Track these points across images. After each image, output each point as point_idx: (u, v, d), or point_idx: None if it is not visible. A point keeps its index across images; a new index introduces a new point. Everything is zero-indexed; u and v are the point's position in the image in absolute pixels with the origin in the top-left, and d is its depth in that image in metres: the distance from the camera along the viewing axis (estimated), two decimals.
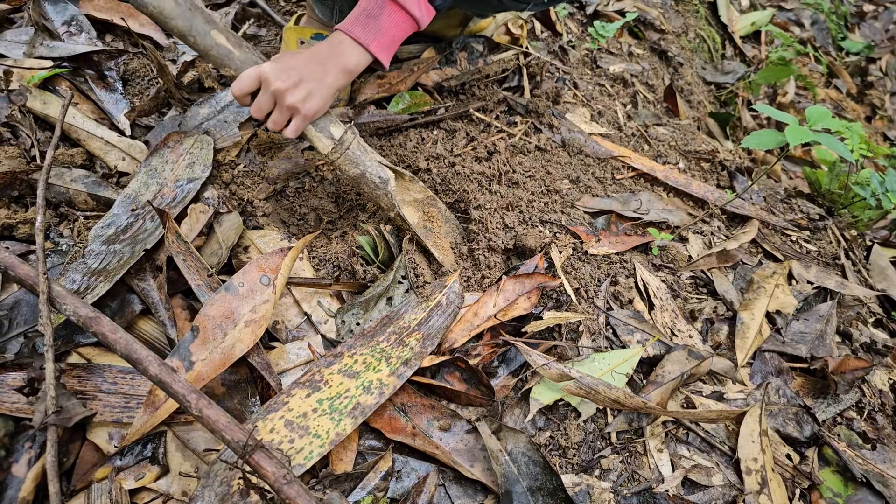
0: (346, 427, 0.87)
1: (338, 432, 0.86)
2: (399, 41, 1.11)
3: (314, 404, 0.89)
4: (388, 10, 1.06)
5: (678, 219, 1.44)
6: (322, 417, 0.88)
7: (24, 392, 0.86)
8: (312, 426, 0.86)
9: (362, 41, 1.06)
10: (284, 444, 0.84)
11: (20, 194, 1.11)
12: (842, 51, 3.17)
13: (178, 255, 1.01)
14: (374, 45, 1.07)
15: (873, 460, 1.10)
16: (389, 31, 1.08)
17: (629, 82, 1.88)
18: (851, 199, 1.71)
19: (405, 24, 1.09)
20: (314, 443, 0.85)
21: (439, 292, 1.07)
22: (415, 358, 0.96)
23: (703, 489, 0.98)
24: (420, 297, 1.07)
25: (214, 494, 0.78)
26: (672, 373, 1.09)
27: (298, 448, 0.84)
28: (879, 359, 1.31)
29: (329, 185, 1.29)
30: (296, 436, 0.85)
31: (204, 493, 0.78)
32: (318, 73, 1.04)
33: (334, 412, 0.88)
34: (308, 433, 0.85)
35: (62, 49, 1.32)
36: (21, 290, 0.98)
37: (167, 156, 1.19)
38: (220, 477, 0.80)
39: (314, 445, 0.84)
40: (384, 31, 1.07)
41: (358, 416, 0.88)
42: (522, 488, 0.87)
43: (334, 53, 1.06)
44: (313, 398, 0.90)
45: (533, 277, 1.13)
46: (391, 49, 1.10)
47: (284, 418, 0.87)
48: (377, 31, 1.06)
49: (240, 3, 1.67)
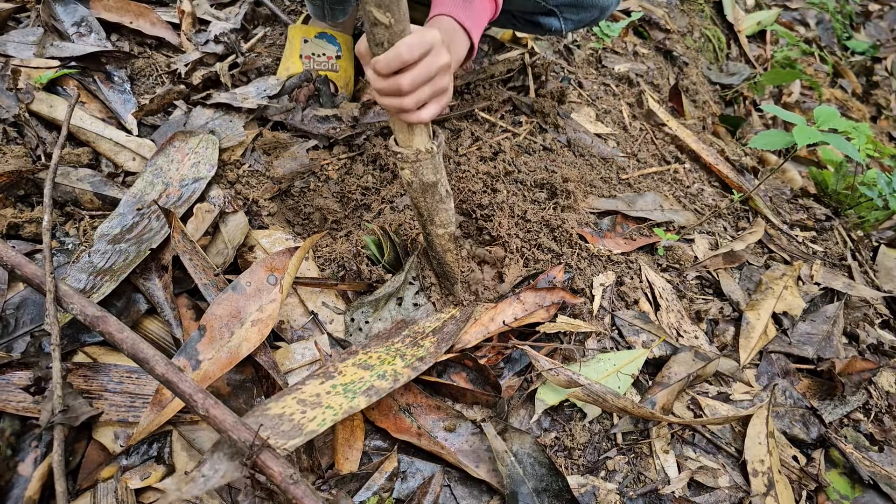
0: (359, 403, 0.85)
1: (351, 405, 0.84)
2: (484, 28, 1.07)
3: (328, 388, 0.88)
4: None
5: (684, 219, 1.43)
6: (336, 396, 0.86)
7: (31, 391, 0.86)
8: (325, 401, 0.85)
9: (467, 26, 1.01)
10: (297, 414, 0.82)
11: (26, 193, 1.11)
12: (847, 50, 3.16)
13: (183, 254, 1.01)
14: (475, 30, 1.02)
15: (880, 462, 1.09)
16: (481, 18, 1.04)
17: (634, 82, 1.88)
18: (858, 200, 1.70)
19: (490, 10, 1.06)
20: (327, 413, 0.83)
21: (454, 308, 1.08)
22: (430, 356, 0.96)
23: (709, 491, 0.98)
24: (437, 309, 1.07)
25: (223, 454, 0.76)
26: (678, 374, 1.08)
27: (311, 417, 0.82)
28: (886, 360, 1.31)
29: (334, 184, 1.29)
30: (307, 408, 0.83)
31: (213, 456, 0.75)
32: None
33: (348, 392, 0.87)
34: (321, 405, 0.84)
35: (71, 49, 1.33)
36: (27, 289, 0.98)
37: (173, 155, 1.19)
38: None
39: (327, 414, 0.83)
40: (478, 18, 1.03)
41: (372, 395, 0.87)
42: (528, 489, 0.86)
43: (451, 40, 0.99)
44: (328, 384, 0.89)
45: (554, 292, 1.13)
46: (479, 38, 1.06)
47: (297, 398, 0.85)
48: (474, 18, 1.02)
49: (248, 2, 1.67)
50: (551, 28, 1.33)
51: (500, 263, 1.19)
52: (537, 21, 1.32)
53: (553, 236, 1.26)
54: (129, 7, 1.48)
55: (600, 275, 1.23)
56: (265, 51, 1.56)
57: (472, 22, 1.01)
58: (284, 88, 1.40)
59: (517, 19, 1.35)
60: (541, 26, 1.33)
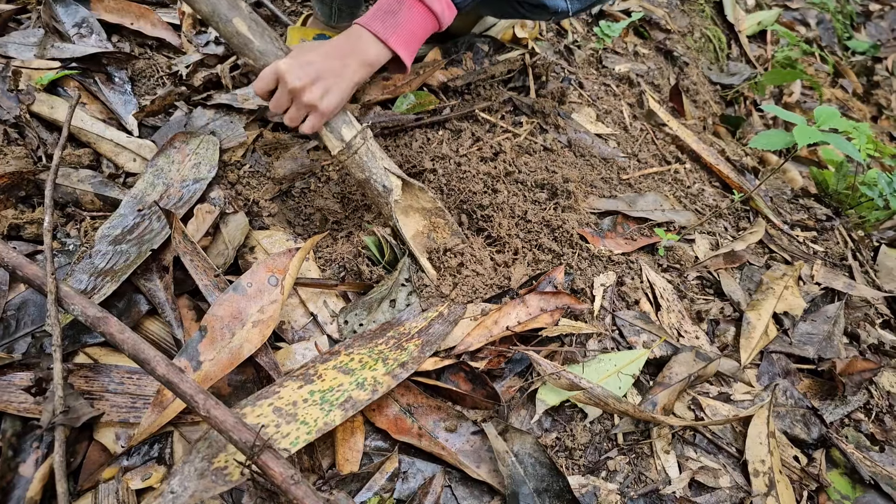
0: (335, 418, 0.86)
1: (326, 422, 0.85)
2: (420, 38, 1.08)
3: (305, 395, 0.88)
4: (408, 4, 1.04)
5: (685, 219, 1.43)
6: (312, 407, 0.87)
7: (32, 392, 0.86)
8: (301, 414, 0.86)
9: (381, 35, 1.04)
10: (271, 427, 0.83)
11: (27, 194, 1.11)
12: (847, 50, 3.16)
13: (184, 255, 1.01)
14: (392, 39, 1.04)
15: (881, 462, 1.09)
16: (408, 26, 1.05)
17: (635, 82, 1.88)
18: (859, 200, 1.70)
19: (425, 21, 1.07)
20: (301, 429, 0.84)
21: (441, 306, 1.07)
22: (412, 362, 0.96)
23: (710, 491, 0.98)
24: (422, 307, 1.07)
25: (194, 469, 0.77)
26: (679, 374, 1.08)
27: (285, 433, 0.83)
28: (887, 360, 1.31)
29: (334, 185, 1.29)
30: (283, 421, 0.84)
31: (184, 469, 0.77)
32: (337, 69, 1.02)
33: (325, 403, 0.88)
34: (296, 420, 0.85)
35: (72, 50, 1.33)
36: (28, 290, 0.98)
37: (173, 156, 1.19)
38: (202, 453, 0.79)
39: (301, 432, 0.83)
40: (403, 26, 1.05)
41: (349, 409, 0.87)
42: (529, 490, 0.86)
43: (353, 48, 1.04)
44: (305, 389, 0.89)
45: (559, 296, 1.12)
46: (411, 45, 1.08)
47: (273, 405, 0.86)
48: (396, 26, 1.04)
49: (247, 2, 1.67)
50: (557, 10, 1.33)
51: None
52: (542, 3, 1.31)
53: (554, 237, 1.26)
54: (130, 8, 1.48)
55: (601, 275, 1.23)
56: None
57: (391, 31, 1.04)
58: None
59: (521, 4, 1.35)
60: (546, 8, 1.33)
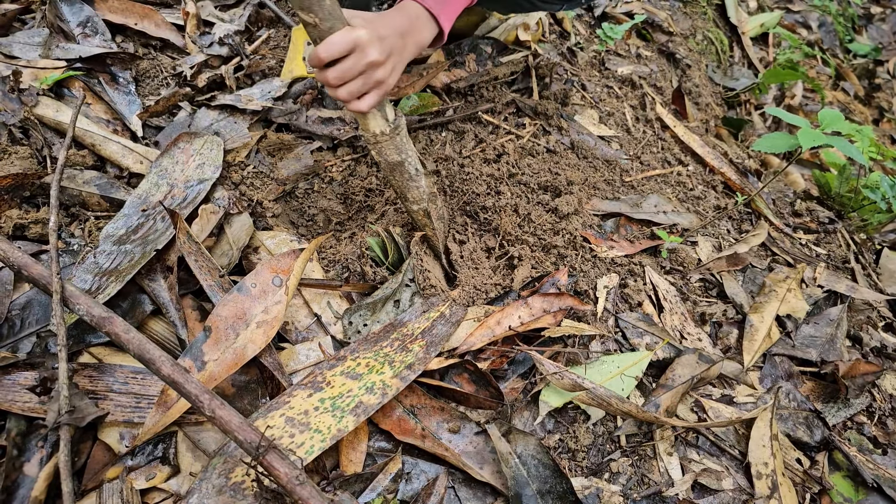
0: (347, 424, 0.87)
1: (339, 428, 0.86)
2: (458, 13, 1.07)
3: (316, 403, 0.89)
4: None
5: (687, 221, 1.43)
6: (324, 415, 0.87)
7: (37, 391, 0.86)
8: (314, 422, 0.86)
9: (434, 11, 1.01)
10: (285, 438, 0.84)
11: (31, 195, 1.12)
12: (849, 53, 3.16)
13: (189, 255, 1.01)
14: (443, 15, 1.02)
15: (884, 465, 1.09)
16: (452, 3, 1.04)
17: (637, 84, 1.88)
18: (861, 203, 1.70)
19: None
20: (315, 437, 0.84)
21: (442, 305, 1.07)
22: (418, 363, 0.96)
23: (713, 493, 0.98)
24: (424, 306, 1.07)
25: (212, 486, 0.78)
26: (682, 376, 1.09)
27: (299, 443, 0.84)
28: (890, 363, 1.31)
29: (338, 185, 1.30)
30: (296, 431, 0.85)
31: (201, 486, 0.78)
32: (400, 47, 0.98)
33: (336, 410, 0.88)
34: (309, 428, 0.85)
35: (77, 51, 1.33)
36: (33, 290, 0.98)
37: (177, 157, 1.19)
38: (217, 469, 0.80)
39: (315, 440, 0.84)
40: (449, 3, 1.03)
41: (360, 414, 0.88)
42: (532, 491, 0.86)
43: (412, 26, 1.00)
44: (315, 398, 0.90)
45: (562, 298, 1.12)
46: (453, 20, 1.06)
47: (285, 415, 0.87)
48: (443, 4, 1.02)
49: (251, 4, 1.67)
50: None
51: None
52: None
53: (557, 238, 1.26)
54: (134, 8, 1.48)
55: (604, 277, 1.23)
56: (269, 53, 1.57)
57: (441, 6, 1.02)
58: (291, 93, 1.40)
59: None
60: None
